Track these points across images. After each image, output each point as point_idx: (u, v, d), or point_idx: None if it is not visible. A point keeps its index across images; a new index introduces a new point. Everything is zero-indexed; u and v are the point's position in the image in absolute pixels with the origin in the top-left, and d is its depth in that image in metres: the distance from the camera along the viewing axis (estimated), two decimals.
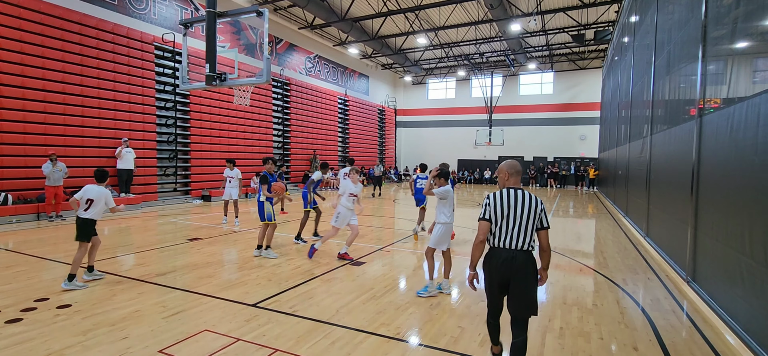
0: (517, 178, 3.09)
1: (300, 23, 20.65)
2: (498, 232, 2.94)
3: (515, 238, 2.89)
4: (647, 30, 9.70)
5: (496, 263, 2.93)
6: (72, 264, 5.13)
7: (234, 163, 10.27)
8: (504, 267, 2.89)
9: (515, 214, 2.90)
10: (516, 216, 2.90)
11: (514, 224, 2.89)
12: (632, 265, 6.88)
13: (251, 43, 18.39)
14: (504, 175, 3.12)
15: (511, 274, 2.88)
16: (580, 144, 27.73)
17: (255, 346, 3.54)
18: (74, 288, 5.00)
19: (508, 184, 3.08)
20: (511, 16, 18.08)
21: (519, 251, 2.88)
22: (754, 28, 4.14)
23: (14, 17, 10.35)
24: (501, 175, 3.16)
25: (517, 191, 2.98)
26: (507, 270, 2.89)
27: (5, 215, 9.67)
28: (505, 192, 2.98)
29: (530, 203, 2.91)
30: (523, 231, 2.88)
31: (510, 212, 2.91)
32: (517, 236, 2.88)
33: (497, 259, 2.93)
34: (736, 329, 3.82)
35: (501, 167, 3.17)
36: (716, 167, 4.63)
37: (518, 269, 2.86)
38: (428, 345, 3.66)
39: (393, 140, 32.14)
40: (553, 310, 4.63)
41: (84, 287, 5.07)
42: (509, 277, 2.89)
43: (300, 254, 7.01)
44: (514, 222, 2.90)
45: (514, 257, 2.87)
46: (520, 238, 2.88)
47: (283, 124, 20.10)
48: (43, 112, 10.80)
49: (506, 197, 2.95)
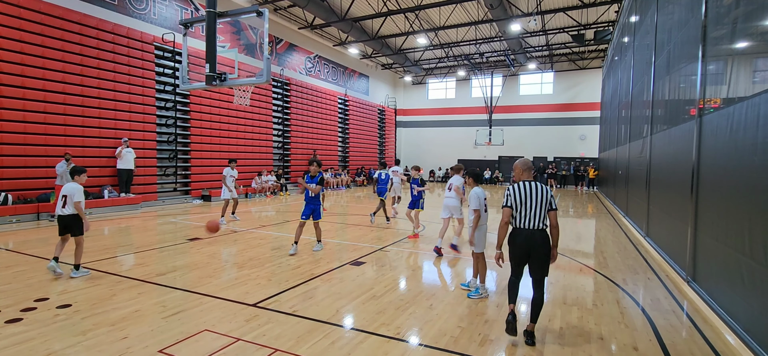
0: (529, 173, 3.89)
1: (300, 23, 20.64)
2: (519, 216, 3.75)
3: (532, 220, 3.69)
4: (647, 30, 9.70)
5: (519, 240, 3.75)
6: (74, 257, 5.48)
7: (235, 162, 10.57)
8: (526, 243, 3.71)
9: (531, 201, 3.70)
10: (531, 203, 3.69)
11: (531, 209, 3.69)
12: (632, 265, 6.88)
13: (251, 43, 18.39)
14: (519, 171, 3.93)
15: (531, 248, 3.69)
16: (580, 144, 27.74)
17: (255, 346, 3.54)
18: (82, 274, 5.44)
19: (522, 178, 3.88)
20: (511, 16, 18.09)
21: (536, 230, 3.69)
22: (754, 28, 4.14)
23: (14, 17, 10.35)
24: (516, 171, 3.93)
25: (531, 183, 3.77)
26: (528, 245, 3.70)
27: (5, 215, 9.67)
28: (521, 185, 3.78)
29: (541, 192, 3.73)
30: (538, 214, 3.69)
31: (527, 200, 3.71)
32: (534, 219, 3.69)
33: (520, 237, 3.74)
34: (736, 329, 3.82)
35: (516, 164, 3.95)
36: (716, 167, 4.63)
37: (536, 243, 3.68)
38: (428, 345, 3.66)
39: (393, 140, 32.14)
40: (553, 310, 4.63)
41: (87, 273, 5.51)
42: (529, 250, 3.70)
43: (300, 254, 7.01)
44: (531, 208, 3.69)
45: (533, 235, 3.68)
46: (536, 220, 3.69)
47: (283, 124, 20.10)
48: (43, 112, 10.81)
49: (522, 188, 3.75)
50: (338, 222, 10.83)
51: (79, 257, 5.51)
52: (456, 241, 7.43)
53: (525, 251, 3.72)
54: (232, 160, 10.54)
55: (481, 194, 5.03)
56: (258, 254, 7.04)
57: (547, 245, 3.70)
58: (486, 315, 4.42)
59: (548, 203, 3.71)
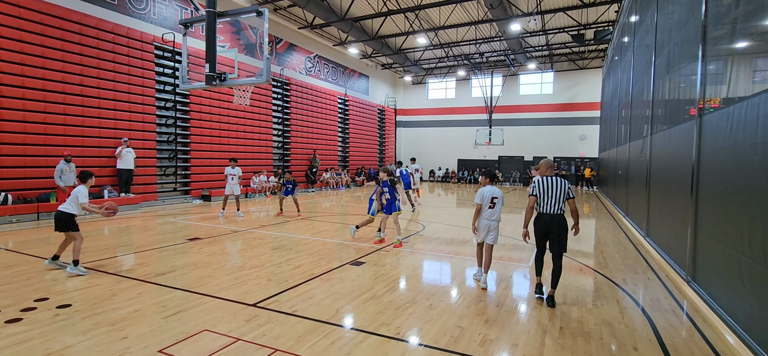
0: (551, 170, 4.93)
1: (300, 23, 20.64)
2: (542, 203, 4.82)
3: (553, 206, 4.76)
4: (647, 30, 9.70)
5: (542, 222, 4.82)
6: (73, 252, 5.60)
7: (236, 161, 11.21)
8: (547, 224, 4.78)
9: (551, 192, 4.77)
10: (551, 193, 4.77)
11: (551, 198, 4.77)
12: (632, 265, 6.88)
13: (251, 43, 18.39)
14: (543, 168, 4.98)
15: (551, 228, 4.76)
16: (580, 144, 27.74)
17: (255, 346, 3.54)
18: (79, 273, 5.50)
19: (545, 173, 4.92)
20: (511, 16, 18.08)
21: (555, 215, 4.75)
22: (753, 28, 4.14)
23: (14, 17, 10.35)
24: (541, 168, 4.99)
25: (552, 178, 4.83)
26: (548, 226, 4.77)
27: (5, 215, 9.67)
28: (545, 179, 4.85)
29: (560, 184, 4.79)
30: (557, 202, 4.75)
31: (548, 190, 4.79)
32: (554, 205, 4.75)
33: (543, 219, 4.82)
34: (736, 329, 3.82)
35: (541, 163, 5.06)
36: (716, 167, 4.63)
37: (555, 225, 4.74)
38: (428, 345, 3.66)
39: (393, 140, 32.14)
40: (553, 310, 4.63)
41: (86, 273, 5.55)
42: (550, 230, 4.76)
43: (300, 254, 7.02)
44: (551, 197, 4.77)
45: (553, 218, 4.75)
46: (555, 206, 4.75)
47: (283, 124, 20.09)
48: (43, 112, 10.81)
49: (545, 181, 4.83)
50: (338, 222, 10.83)
51: (77, 253, 5.59)
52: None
53: (546, 231, 4.80)
54: (233, 159, 11.23)
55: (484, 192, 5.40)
56: (258, 254, 7.04)
57: (565, 226, 4.75)
58: (486, 315, 4.42)
59: (566, 194, 4.76)
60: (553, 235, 4.73)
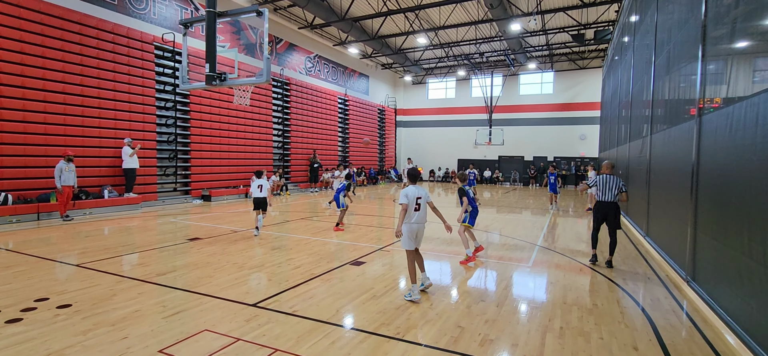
0: (610, 170, 6.63)
1: (300, 23, 20.64)
2: (600, 193, 6.53)
3: (608, 196, 6.45)
4: (647, 30, 9.69)
5: (600, 208, 6.55)
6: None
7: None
8: (604, 210, 6.51)
9: (607, 186, 6.49)
10: (608, 187, 6.49)
11: (608, 191, 6.47)
12: (632, 265, 6.88)
13: (251, 43, 18.39)
14: (604, 169, 6.67)
15: (607, 213, 6.49)
16: (580, 144, 27.73)
17: (255, 346, 3.54)
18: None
19: (604, 172, 6.63)
20: (511, 16, 18.08)
21: (610, 203, 6.45)
22: (753, 27, 4.14)
23: (14, 17, 10.35)
24: (603, 169, 6.69)
25: (610, 176, 6.54)
26: (605, 211, 6.50)
27: (5, 215, 9.67)
28: (604, 176, 6.56)
29: (614, 181, 6.47)
30: (611, 193, 6.44)
31: (605, 185, 6.51)
32: (609, 195, 6.45)
33: (601, 205, 6.53)
34: (736, 329, 3.82)
35: (604, 164, 6.77)
36: (716, 167, 4.63)
37: (610, 210, 6.47)
38: (428, 345, 3.66)
39: (393, 139, 32.14)
40: (553, 310, 4.64)
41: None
42: (606, 214, 6.50)
43: (300, 254, 7.02)
44: (607, 190, 6.48)
45: (609, 205, 6.46)
46: (610, 196, 6.45)
47: (283, 124, 20.09)
48: (43, 112, 10.81)
49: (604, 178, 6.54)
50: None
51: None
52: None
53: (603, 215, 6.51)
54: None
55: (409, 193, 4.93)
56: (258, 254, 7.04)
57: (618, 211, 6.44)
58: (486, 315, 4.42)
59: (619, 188, 6.42)
60: (610, 218, 6.42)
